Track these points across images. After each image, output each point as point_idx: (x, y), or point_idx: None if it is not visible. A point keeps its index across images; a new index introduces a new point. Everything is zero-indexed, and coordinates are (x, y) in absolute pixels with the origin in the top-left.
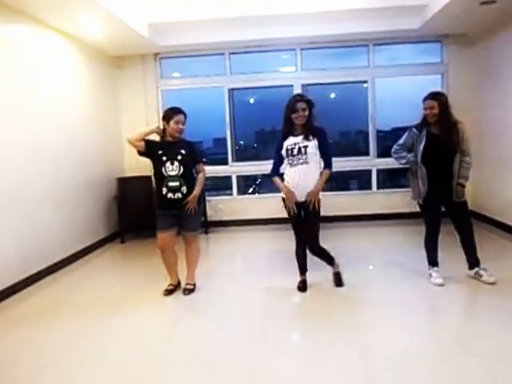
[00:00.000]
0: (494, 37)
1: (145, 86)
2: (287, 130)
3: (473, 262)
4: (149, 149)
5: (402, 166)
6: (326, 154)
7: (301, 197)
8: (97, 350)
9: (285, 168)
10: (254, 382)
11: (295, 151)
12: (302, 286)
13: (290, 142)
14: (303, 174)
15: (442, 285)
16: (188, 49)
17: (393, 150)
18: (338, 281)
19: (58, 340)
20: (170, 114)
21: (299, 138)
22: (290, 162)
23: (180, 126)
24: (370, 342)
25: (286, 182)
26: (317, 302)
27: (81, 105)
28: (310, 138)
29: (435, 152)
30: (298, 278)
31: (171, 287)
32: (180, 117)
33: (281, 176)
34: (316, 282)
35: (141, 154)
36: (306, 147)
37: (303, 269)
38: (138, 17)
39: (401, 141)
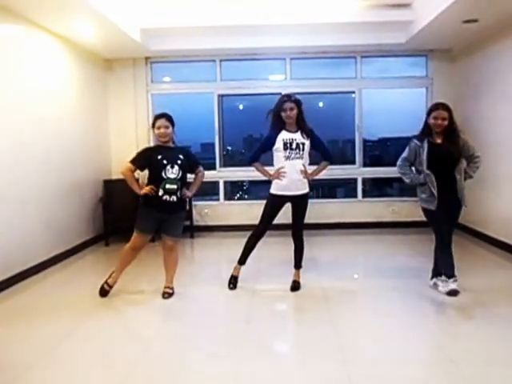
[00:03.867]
0: (476, 53)
1: (135, 90)
2: (279, 126)
3: (438, 271)
4: (144, 162)
5: (385, 176)
6: (325, 149)
7: (292, 189)
8: (73, 354)
9: (277, 161)
10: None
11: (294, 145)
12: (234, 282)
13: (286, 136)
14: (297, 168)
15: (456, 292)
16: (179, 54)
17: (398, 164)
18: (296, 287)
19: (34, 343)
20: (153, 120)
21: (296, 135)
22: (288, 155)
23: (162, 130)
24: (351, 348)
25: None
26: (300, 308)
27: (69, 106)
28: (305, 136)
29: (438, 161)
30: (231, 270)
31: (107, 288)
32: (161, 121)
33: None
34: (303, 287)
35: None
36: (303, 144)
37: (245, 258)
38: (130, 21)
39: (404, 154)
